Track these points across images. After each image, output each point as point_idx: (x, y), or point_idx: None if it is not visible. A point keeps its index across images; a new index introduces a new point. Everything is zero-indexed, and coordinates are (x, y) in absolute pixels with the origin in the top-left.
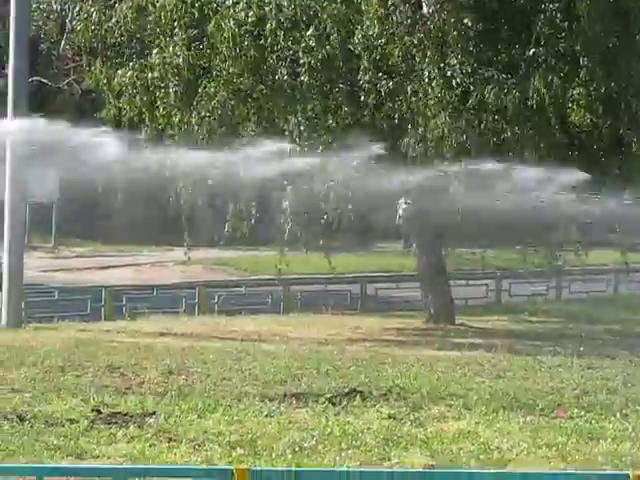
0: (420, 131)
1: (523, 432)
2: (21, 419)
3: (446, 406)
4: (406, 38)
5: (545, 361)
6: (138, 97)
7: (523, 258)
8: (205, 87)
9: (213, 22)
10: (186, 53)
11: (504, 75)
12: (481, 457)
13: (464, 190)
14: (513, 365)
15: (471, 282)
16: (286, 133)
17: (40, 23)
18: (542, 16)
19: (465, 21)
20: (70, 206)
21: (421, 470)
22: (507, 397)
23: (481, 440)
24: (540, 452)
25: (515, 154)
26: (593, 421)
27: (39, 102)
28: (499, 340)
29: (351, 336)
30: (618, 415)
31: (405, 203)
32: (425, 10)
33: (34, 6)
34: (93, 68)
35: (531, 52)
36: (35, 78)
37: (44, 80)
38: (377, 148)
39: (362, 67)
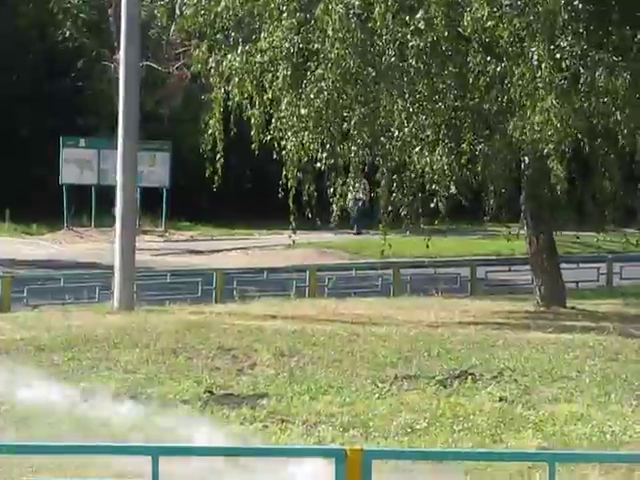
0: (527, 114)
1: (636, 415)
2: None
3: (558, 389)
4: (515, 20)
5: None
6: (247, 81)
7: (635, 241)
8: (313, 70)
9: (322, 5)
10: (295, 37)
11: (614, 57)
12: (594, 439)
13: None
14: (625, 348)
15: (582, 265)
16: (394, 116)
17: (150, 8)
18: None
19: (575, 3)
20: (180, 190)
21: (536, 451)
22: (619, 380)
23: (594, 423)
24: None
25: (624, 138)
26: None
27: (150, 86)
28: (611, 323)
29: (461, 319)
30: None
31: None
32: None
33: None
34: (200, 53)
35: None
36: (146, 63)
37: (154, 65)
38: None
39: (471, 50)
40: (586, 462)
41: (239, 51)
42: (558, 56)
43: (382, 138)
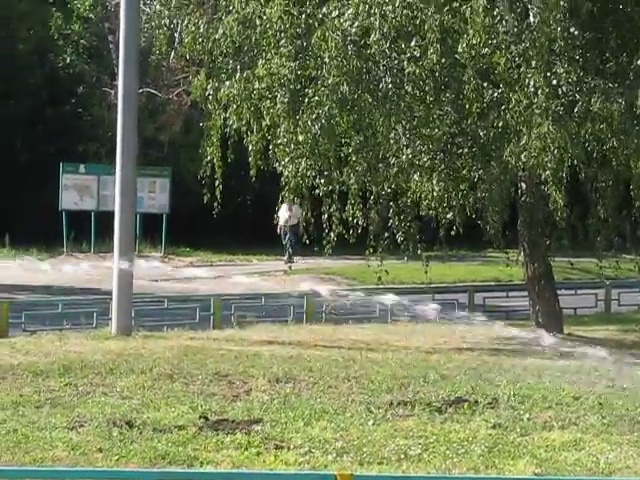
0: (524, 140)
1: (631, 442)
2: (130, 425)
3: (554, 415)
4: (512, 47)
5: None
6: (245, 108)
7: (636, 267)
8: (311, 97)
9: (319, 33)
10: (292, 64)
11: (610, 84)
12: (588, 466)
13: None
14: (622, 375)
15: (580, 291)
16: (391, 142)
17: (150, 35)
18: None
19: (572, 30)
20: (180, 216)
21: (529, 477)
22: (615, 407)
23: (588, 449)
24: None
25: (619, 164)
26: None
27: (149, 112)
28: (608, 350)
29: (458, 345)
30: None
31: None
32: (532, 19)
33: (144, 18)
34: (199, 80)
35: (639, 61)
36: (145, 89)
37: (154, 91)
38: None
39: (467, 76)
40: None
41: (237, 78)
42: (554, 82)
43: (379, 165)
